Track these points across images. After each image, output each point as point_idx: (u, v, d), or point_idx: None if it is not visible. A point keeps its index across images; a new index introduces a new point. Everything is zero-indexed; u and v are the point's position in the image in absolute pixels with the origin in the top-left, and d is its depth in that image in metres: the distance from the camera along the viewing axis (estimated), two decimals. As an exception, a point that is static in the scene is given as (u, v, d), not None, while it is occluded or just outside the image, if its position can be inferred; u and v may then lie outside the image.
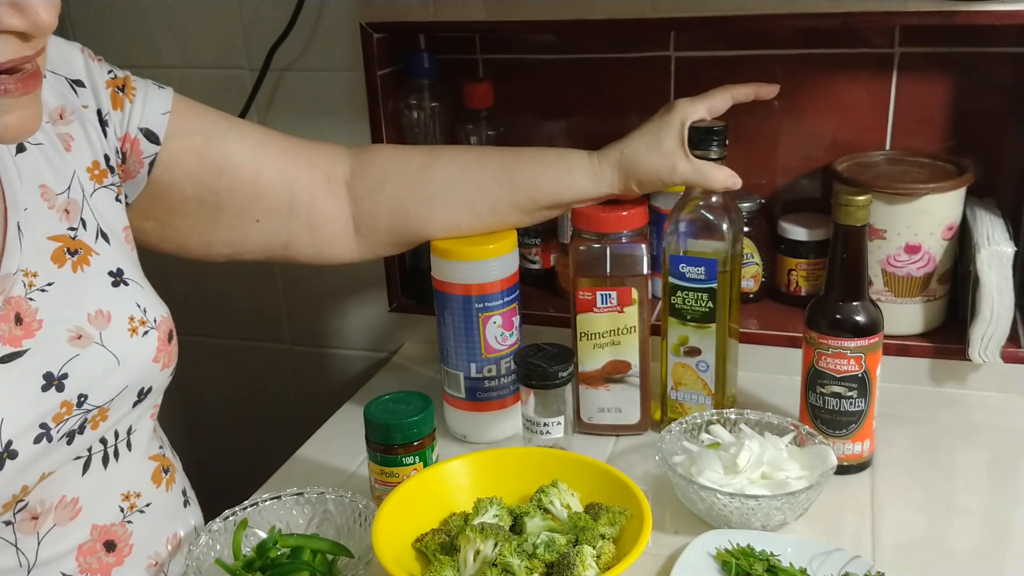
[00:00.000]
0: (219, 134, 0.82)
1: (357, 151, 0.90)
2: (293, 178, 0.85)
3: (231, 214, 0.83)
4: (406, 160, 0.90)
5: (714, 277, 0.88)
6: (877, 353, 0.84)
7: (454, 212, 0.89)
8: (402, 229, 0.90)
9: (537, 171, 0.88)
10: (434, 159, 0.90)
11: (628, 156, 0.87)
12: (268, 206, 0.84)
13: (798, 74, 1.05)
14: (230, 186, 0.82)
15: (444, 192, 0.89)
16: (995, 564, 0.77)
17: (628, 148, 0.87)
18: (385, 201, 0.88)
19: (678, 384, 0.93)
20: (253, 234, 0.85)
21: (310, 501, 0.81)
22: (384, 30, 1.08)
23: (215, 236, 0.84)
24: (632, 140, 0.87)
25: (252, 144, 0.84)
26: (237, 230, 0.84)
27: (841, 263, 0.83)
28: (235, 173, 0.82)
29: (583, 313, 0.91)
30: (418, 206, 0.89)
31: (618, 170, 0.87)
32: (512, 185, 0.88)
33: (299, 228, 0.87)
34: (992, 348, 0.95)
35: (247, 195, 0.83)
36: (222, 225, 0.84)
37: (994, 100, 1.00)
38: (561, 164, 0.88)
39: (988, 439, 0.93)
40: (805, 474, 0.81)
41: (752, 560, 0.73)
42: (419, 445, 0.81)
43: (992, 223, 0.96)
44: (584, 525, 0.74)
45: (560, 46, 1.12)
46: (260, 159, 0.84)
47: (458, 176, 0.89)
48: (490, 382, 0.93)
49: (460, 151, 0.93)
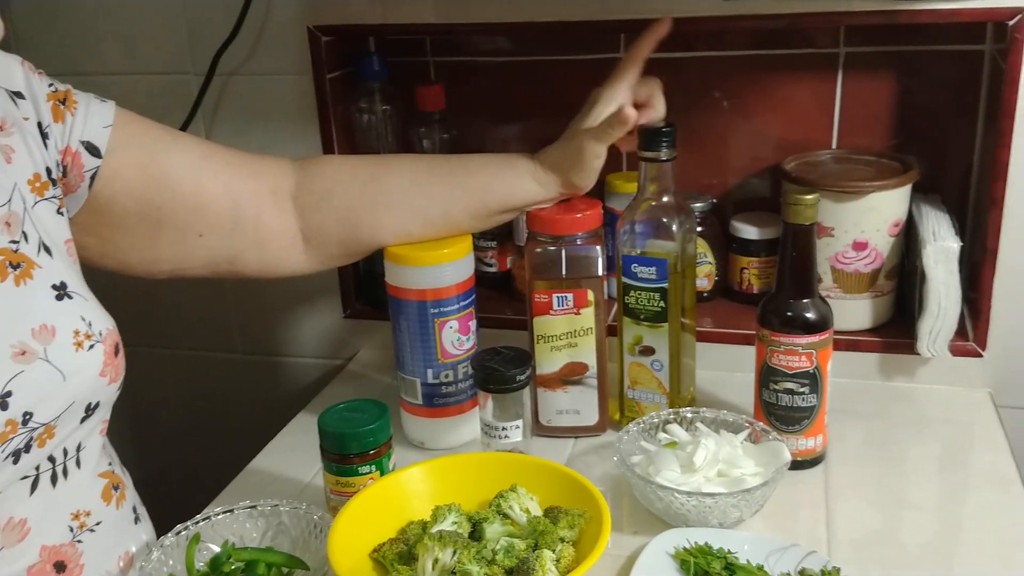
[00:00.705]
0: (161, 148, 0.81)
1: (303, 163, 0.90)
2: (237, 192, 0.84)
3: (173, 229, 0.82)
4: (354, 171, 0.89)
5: (665, 277, 0.88)
6: (828, 349, 0.85)
7: (406, 221, 0.89)
8: (353, 240, 0.90)
9: (486, 178, 0.89)
10: (383, 169, 0.90)
11: (553, 154, 0.88)
12: (212, 221, 0.83)
13: (747, 75, 1.06)
14: (172, 200, 0.81)
15: (395, 202, 0.88)
16: (947, 557, 0.78)
17: (553, 146, 0.89)
18: (334, 213, 0.88)
19: (634, 384, 0.94)
20: (197, 249, 0.84)
21: (264, 514, 0.80)
22: (332, 33, 1.07)
23: (157, 252, 0.83)
24: (560, 146, 0.89)
25: (194, 157, 0.83)
26: (180, 246, 0.83)
27: (791, 261, 0.84)
28: (177, 187, 0.81)
29: (540, 316, 0.91)
30: (369, 217, 0.88)
31: (552, 169, 0.88)
32: (463, 192, 0.88)
33: (245, 243, 0.86)
34: (940, 342, 0.97)
35: (189, 210, 0.82)
36: (164, 240, 0.82)
37: (938, 98, 1.02)
38: (509, 170, 0.89)
39: (938, 432, 0.95)
40: (760, 471, 0.82)
41: (710, 558, 0.74)
42: (375, 454, 0.80)
43: (938, 219, 0.98)
44: (543, 529, 0.74)
45: (512, 48, 1.12)
46: (203, 173, 0.83)
47: (408, 186, 0.89)
48: (447, 387, 0.93)
49: (409, 160, 0.93)
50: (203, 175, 0.82)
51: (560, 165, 0.88)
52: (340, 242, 0.89)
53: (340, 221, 0.88)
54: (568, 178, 0.88)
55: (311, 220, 0.88)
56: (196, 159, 0.83)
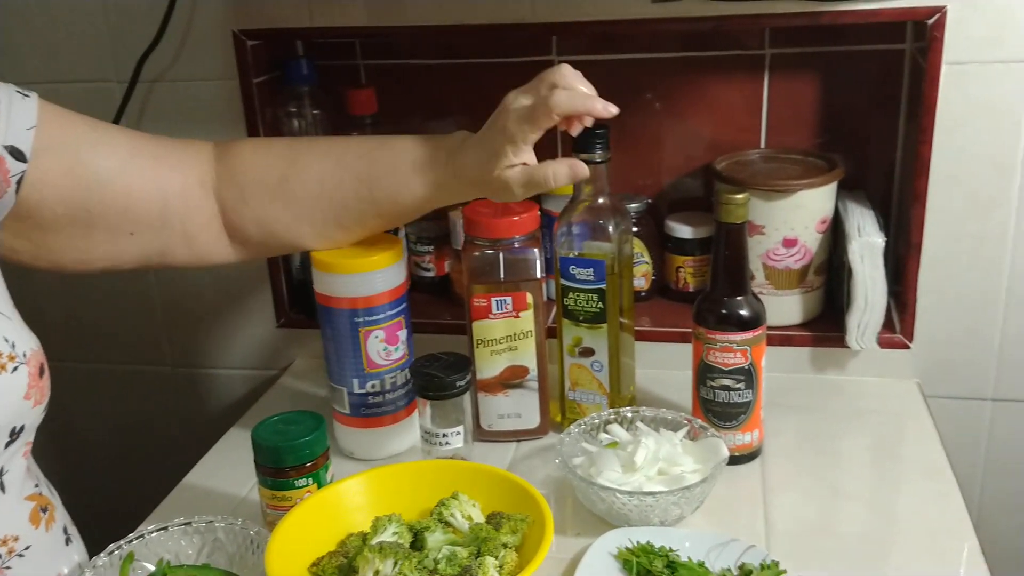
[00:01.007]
0: (88, 148, 0.78)
1: (220, 153, 0.86)
2: (166, 188, 0.82)
3: (104, 229, 0.80)
4: (264, 171, 0.85)
5: (603, 278, 0.88)
6: (761, 345, 0.87)
7: (322, 228, 0.86)
8: (275, 241, 0.87)
9: (395, 185, 0.83)
10: (293, 168, 0.85)
11: (465, 180, 0.81)
12: (142, 219, 0.81)
13: (677, 76, 1.07)
14: (101, 203, 0.78)
15: (308, 210, 0.85)
16: (882, 546, 0.80)
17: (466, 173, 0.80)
18: (250, 215, 0.85)
19: (575, 385, 0.94)
20: (129, 247, 0.82)
21: (199, 530, 0.78)
22: (259, 37, 1.05)
23: (90, 252, 0.80)
24: (470, 164, 0.80)
25: (123, 156, 0.80)
26: (112, 245, 0.81)
27: (724, 260, 0.85)
28: (106, 189, 0.78)
29: (479, 320, 0.91)
30: (285, 223, 0.85)
31: (462, 188, 0.82)
32: (372, 201, 0.84)
33: (174, 238, 0.83)
34: (868, 335, 0.99)
35: (119, 210, 0.80)
36: (96, 241, 0.80)
37: (861, 97, 1.04)
38: (419, 177, 0.82)
39: (869, 423, 0.97)
40: (699, 467, 0.83)
41: (652, 557, 0.74)
42: (312, 466, 0.79)
43: (863, 215, 1.00)
44: (486, 536, 0.73)
45: (443, 51, 1.11)
46: (131, 172, 0.80)
47: (317, 192, 0.84)
48: (375, 398, 0.91)
49: (318, 156, 0.85)
50: (132, 174, 0.80)
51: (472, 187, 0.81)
52: (261, 241, 0.87)
53: (257, 223, 0.85)
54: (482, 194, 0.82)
55: (231, 218, 0.85)
56: (124, 157, 0.80)
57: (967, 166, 0.96)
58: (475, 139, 0.81)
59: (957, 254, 0.99)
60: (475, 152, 0.79)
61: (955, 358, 1.03)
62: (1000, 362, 1.02)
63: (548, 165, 0.78)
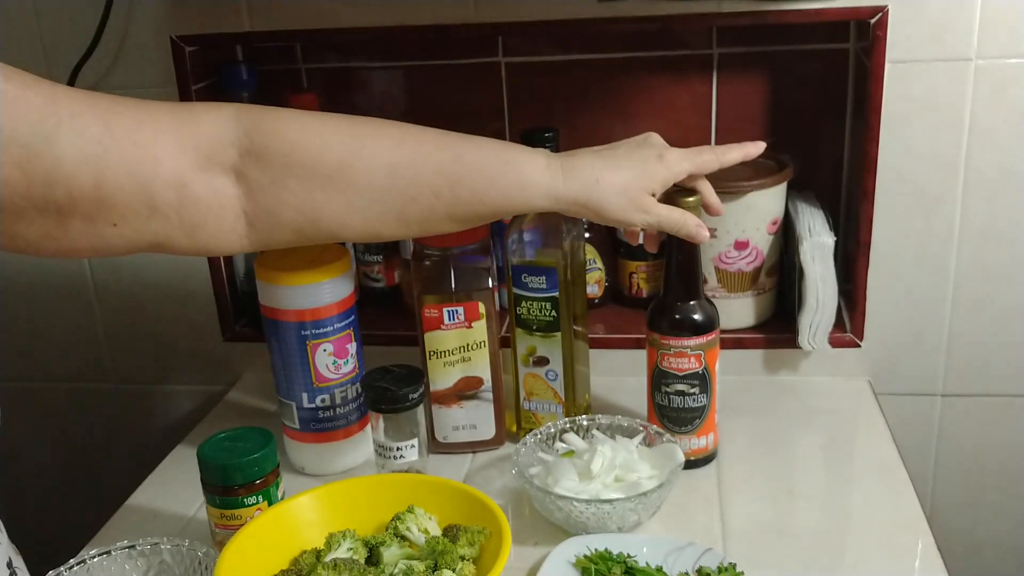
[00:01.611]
0: (43, 138, 0.66)
1: (249, 128, 0.72)
2: (148, 177, 0.69)
3: (80, 221, 0.69)
4: (317, 154, 0.73)
5: (555, 286, 0.88)
6: (715, 349, 0.86)
7: (378, 221, 0.75)
8: (311, 232, 0.76)
9: (483, 184, 0.75)
10: (355, 155, 0.74)
11: (599, 200, 0.76)
12: (122, 211, 0.70)
13: (626, 77, 1.07)
14: (68, 196, 0.67)
15: (368, 201, 0.74)
16: (838, 544, 0.80)
17: (601, 194, 0.76)
18: (290, 200, 0.73)
19: (530, 395, 0.93)
20: (113, 239, 0.71)
21: (144, 553, 0.76)
22: (197, 43, 1.03)
23: (69, 242, 0.70)
24: (608, 185, 0.76)
25: (90, 143, 0.67)
26: (93, 236, 0.70)
27: (676, 264, 0.85)
28: (71, 182, 0.67)
29: (431, 331, 0.89)
30: (333, 212, 0.74)
31: (581, 206, 0.76)
32: (451, 199, 0.74)
33: (169, 228, 0.72)
34: (820, 335, 1.00)
35: (93, 202, 0.68)
36: (74, 232, 0.69)
37: (808, 96, 1.05)
38: (513, 178, 0.75)
39: (822, 423, 0.98)
40: (656, 473, 0.82)
41: (610, 564, 0.74)
42: (262, 483, 0.77)
43: (813, 215, 1.01)
44: (443, 549, 0.72)
45: (386, 53, 1.10)
46: (101, 162, 0.68)
47: (386, 184, 0.74)
48: (325, 412, 0.90)
49: (388, 145, 0.75)
50: (101, 164, 0.68)
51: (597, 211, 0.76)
52: (295, 230, 0.75)
53: (298, 210, 0.74)
54: (587, 215, 0.78)
55: (261, 203, 0.73)
56: (92, 144, 0.67)
57: (913, 164, 0.97)
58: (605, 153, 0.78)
59: (905, 252, 1.00)
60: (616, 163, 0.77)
61: (905, 355, 1.04)
62: (949, 357, 1.04)
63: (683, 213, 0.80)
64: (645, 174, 0.77)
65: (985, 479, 1.08)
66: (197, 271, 1.11)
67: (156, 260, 1.13)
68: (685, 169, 0.79)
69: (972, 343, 1.03)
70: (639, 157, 0.78)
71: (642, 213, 0.77)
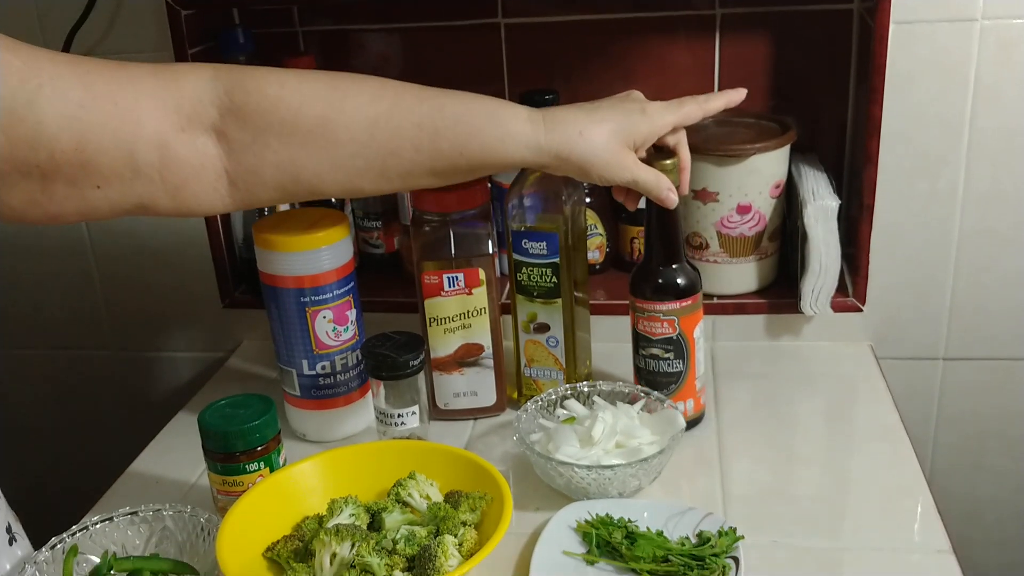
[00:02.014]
0: (24, 102, 0.66)
1: (229, 87, 0.73)
2: (130, 139, 0.70)
3: (64, 184, 0.70)
4: (297, 110, 0.74)
5: (556, 252, 0.87)
6: (694, 315, 0.86)
7: (359, 176, 0.76)
8: (293, 188, 0.76)
9: (464, 137, 0.74)
10: (335, 110, 0.74)
11: (581, 154, 0.76)
12: (105, 173, 0.70)
13: (627, 38, 1.05)
14: (51, 158, 0.68)
15: (349, 157, 0.74)
16: (838, 507, 0.80)
17: (585, 147, 0.75)
18: (271, 158, 0.74)
19: (531, 361, 0.93)
20: (97, 201, 0.72)
21: (146, 519, 0.76)
22: (193, 6, 1.01)
23: (55, 207, 0.71)
24: (590, 137, 0.75)
25: (71, 105, 0.68)
26: (78, 199, 0.71)
27: (655, 228, 0.84)
28: (54, 145, 0.68)
29: (430, 298, 0.89)
30: (314, 168, 0.74)
31: (563, 160, 0.76)
32: (432, 153, 0.74)
33: (152, 189, 0.72)
34: (822, 300, 0.99)
35: (75, 165, 0.69)
36: (58, 195, 0.70)
37: (811, 58, 1.04)
38: (494, 130, 0.75)
39: (823, 387, 0.98)
40: (656, 439, 0.82)
41: (611, 528, 0.74)
42: (263, 450, 0.77)
43: (816, 178, 1.00)
44: (444, 515, 0.73)
45: (384, 15, 1.08)
46: (82, 124, 0.68)
47: (366, 139, 0.74)
48: (326, 379, 0.89)
49: (367, 100, 0.75)
50: (83, 126, 0.68)
51: (580, 167, 0.76)
52: (276, 187, 0.75)
53: (278, 167, 0.74)
54: (569, 171, 0.77)
55: (241, 161, 0.74)
56: (73, 107, 0.68)
57: (917, 126, 0.96)
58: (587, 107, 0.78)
59: (908, 215, 0.99)
60: (600, 116, 0.76)
61: (907, 319, 1.04)
62: (951, 321, 1.03)
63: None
64: (628, 127, 0.77)
65: (985, 443, 1.09)
66: (196, 238, 1.11)
67: (155, 227, 1.12)
68: (669, 122, 0.79)
69: (974, 307, 1.02)
70: (622, 111, 0.78)
71: (622, 170, 0.77)
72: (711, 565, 0.70)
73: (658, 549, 0.71)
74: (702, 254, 1.02)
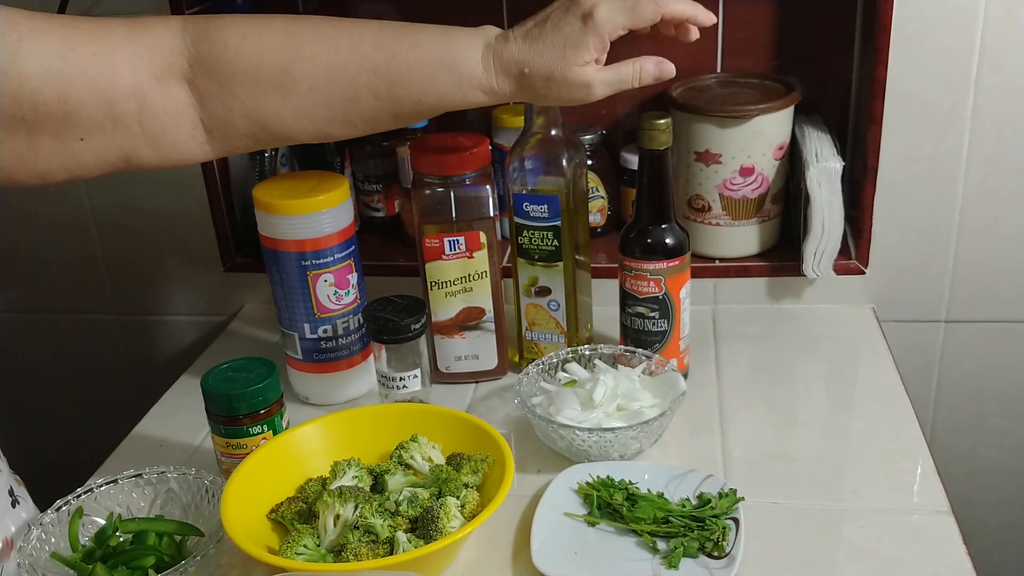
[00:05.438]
0: (8, 56, 0.68)
1: (196, 38, 0.74)
2: (109, 88, 0.71)
3: (49, 138, 0.71)
4: (258, 59, 0.74)
5: (558, 214, 0.87)
6: (680, 276, 0.86)
7: (325, 123, 0.76)
8: (264, 136, 0.77)
9: (419, 85, 0.74)
10: (294, 60, 0.75)
11: (533, 90, 0.74)
12: (87, 124, 0.72)
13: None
14: (34, 111, 0.70)
15: (311, 105, 0.75)
16: (839, 469, 0.81)
17: (534, 83, 0.74)
18: (238, 107, 0.75)
19: (532, 325, 0.93)
20: (82, 154, 0.73)
21: (150, 482, 0.77)
22: (189, -34, 1.00)
23: (42, 163, 0.72)
24: (538, 72, 0.73)
25: (52, 57, 0.69)
26: (64, 153, 0.73)
27: (647, 187, 0.84)
28: (36, 98, 0.69)
29: (432, 261, 0.88)
30: (282, 118, 0.76)
31: (521, 97, 0.75)
32: (391, 99, 0.75)
33: (133, 140, 0.74)
34: (824, 262, 0.99)
35: (58, 117, 0.71)
36: (44, 150, 0.72)
37: (816, 17, 1.02)
38: (448, 77, 0.74)
39: (824, 350, 0.98)
40: (657, 402, 0.83)
41: (612, 490, 0.75)
42: (266, 413, 0.77)
43: (820, 140, 0.99)
44: (446, 477, 0.73)
45: (386, -23, 1.07)
46: (64, 76, 0.70)
47: (326, 88, 0.74)
48: (327, 343, 0.90)
49: (325, 49, 0.75)
50: (64, 78, 0.70)
51: (534, 92, 0.74)
52: (248, 134, 0.77)
53: (246, 115, 0.75)
54: (532, 97, 0.75)
55: (212, 110, 0.75)
56: (53, 58, 0.69)
57: (922, 87, 0.95)
58: (533, 32, 0.74)
59: (912, 176, 0.99)
60: (541, 46, 0.73)
61: (909, 282, 1.03)
62: (953, 283, 1.03)
63: (633, 61, 0.74)
64: (570, 51, 0.73)
65: (986, 404, 1.09)
66: (196, 200, 1.10)
67: (155, 189, 1.12)
68: (620, 24, 0.73)
69: (977, 269, 1.02)
70: (564, 32, 0.73)
71: (586, 88, 0.74)
72: (711, 526, 0.70)
73: (659, 511, 0.72)
74: (704, 216, 1.02)
